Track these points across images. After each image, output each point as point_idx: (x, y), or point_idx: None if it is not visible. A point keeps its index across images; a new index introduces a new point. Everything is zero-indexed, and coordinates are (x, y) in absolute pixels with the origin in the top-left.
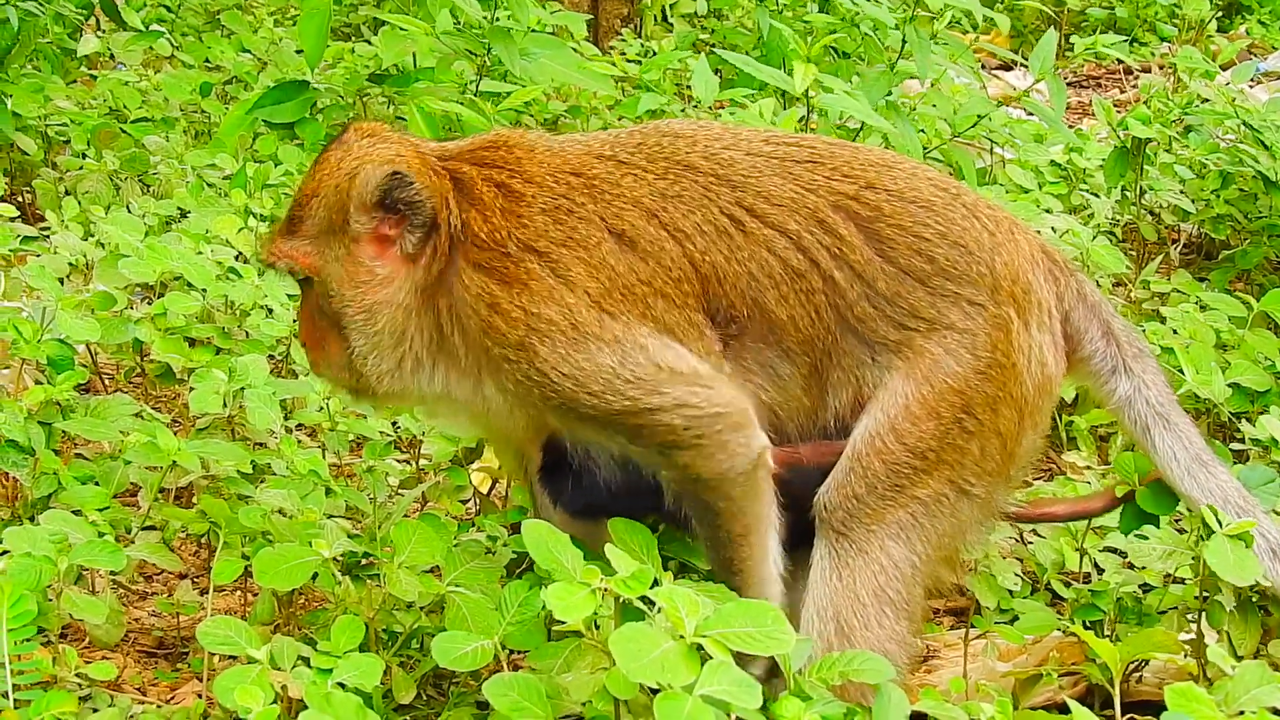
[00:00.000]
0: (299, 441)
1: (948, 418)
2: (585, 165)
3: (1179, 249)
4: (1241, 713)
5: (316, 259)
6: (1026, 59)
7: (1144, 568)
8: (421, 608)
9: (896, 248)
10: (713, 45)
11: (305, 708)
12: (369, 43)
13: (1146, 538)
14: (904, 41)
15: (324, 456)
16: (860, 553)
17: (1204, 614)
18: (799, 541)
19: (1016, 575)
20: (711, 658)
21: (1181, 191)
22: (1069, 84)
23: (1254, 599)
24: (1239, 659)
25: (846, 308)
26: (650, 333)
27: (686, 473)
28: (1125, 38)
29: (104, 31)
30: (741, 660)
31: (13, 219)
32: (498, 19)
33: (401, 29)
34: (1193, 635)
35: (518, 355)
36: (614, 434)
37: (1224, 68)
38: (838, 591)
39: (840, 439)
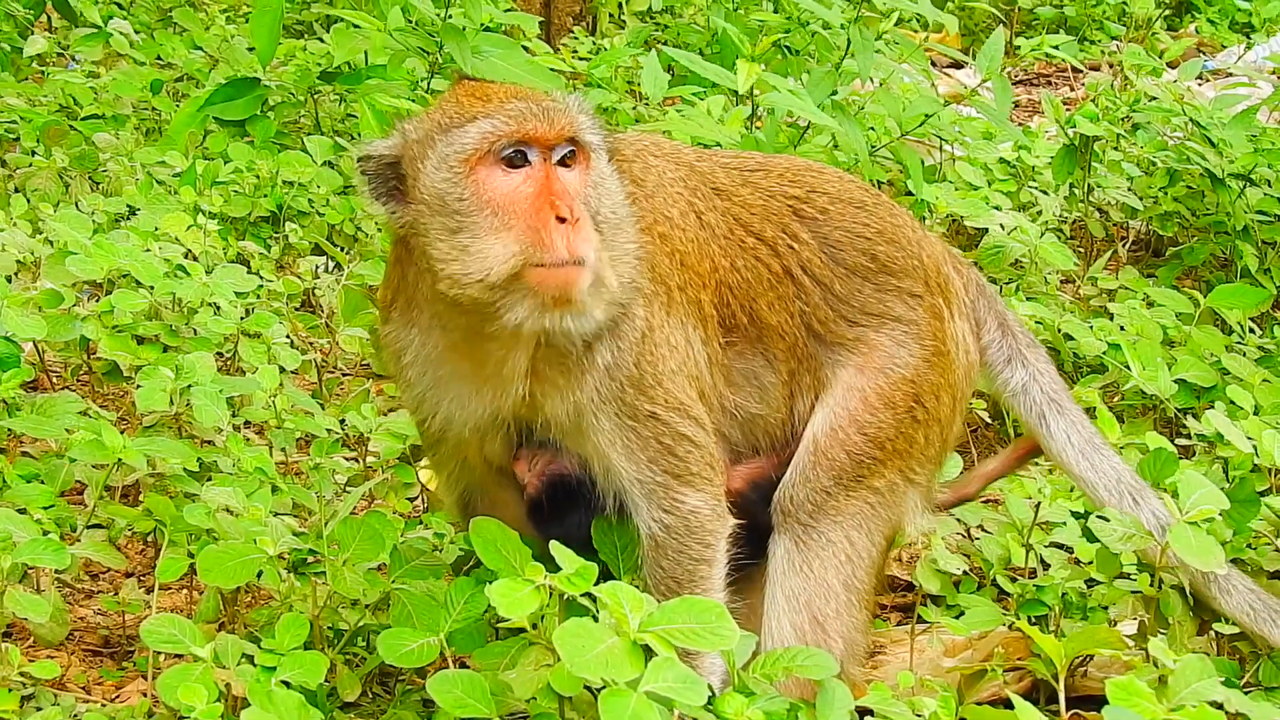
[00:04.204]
0: (246, 439)
1: (902, 407)
2: (634, 141)
3: (1127, 246)
4: (1181, 706)
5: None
6: (977, 57)
7: (1090, 563)
8: (367, 605)
9: (844, 248)
10: (665, 42)
11: (249, 705)
12: (321, 40)
13: (1108, 519)
14: (849, 42)
15: (271, 454)
16: (829, 543)
17: (1157, 603)
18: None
19: (964, 571)
20: (656, 654)
21: (1129, 189)
22: (1019, 82)
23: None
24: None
25: (811, 312)
26: (694, 329)
27: (690, 520)
28: (1074, 37)
29: (55, 30)
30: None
31: None
32: (450, 16)
33: (354, 25)
34: (1136, 628)
35: (641, 309)
36: (644, 445)
37: (1171, 66)
38: (810, 582)
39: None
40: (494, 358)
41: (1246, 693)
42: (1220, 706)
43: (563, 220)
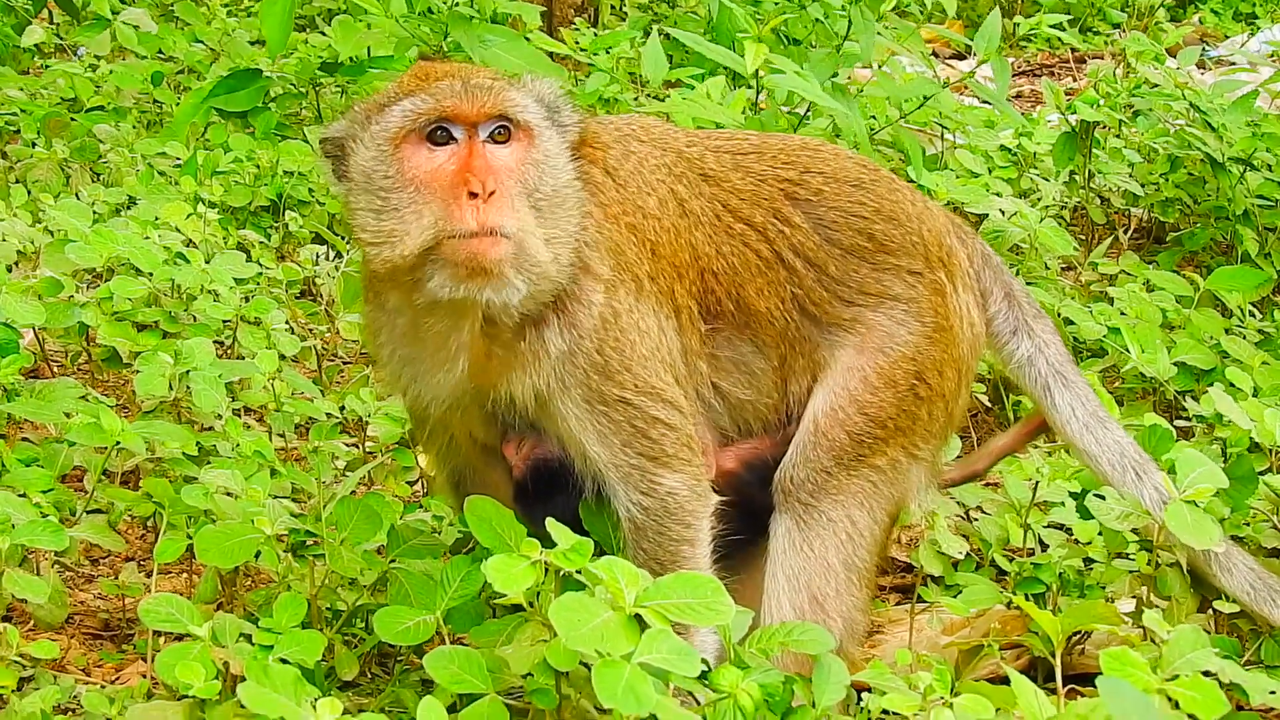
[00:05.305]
0: (246, 425)
1: (903, 385)
2: (622, 127)
3: (1128, 234)
4: (1176, 676)
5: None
6: (974, 39)
7: (1089, 543)
8: (365, 586)
9: (839, 229)
10: (665, 32)
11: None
12: (323, 34)
13: (1104, 497)
14: (849, 24)
15: (270, 439)
16: (830, 522)
17: (1155, 581)
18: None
19: (963, 552)
20: (651, 628)
21: (1130, 175)
22: (1022, 73)
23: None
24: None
25: (804, 295)
26: (666, 319)
27: (668, 502)
28: (1076, 23)
29: (55, 23)
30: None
31: None
32: (457, 4)
33: (361, 12)
34: (1134, 606)
35: (601, 296)
36: (616, 429)
37: (1172, 54)
38: (810, 561)
39: (793, 427)
40: (435, 333)
41: (1247, 670)
42: (1215, 677)
43: (475, 195)
